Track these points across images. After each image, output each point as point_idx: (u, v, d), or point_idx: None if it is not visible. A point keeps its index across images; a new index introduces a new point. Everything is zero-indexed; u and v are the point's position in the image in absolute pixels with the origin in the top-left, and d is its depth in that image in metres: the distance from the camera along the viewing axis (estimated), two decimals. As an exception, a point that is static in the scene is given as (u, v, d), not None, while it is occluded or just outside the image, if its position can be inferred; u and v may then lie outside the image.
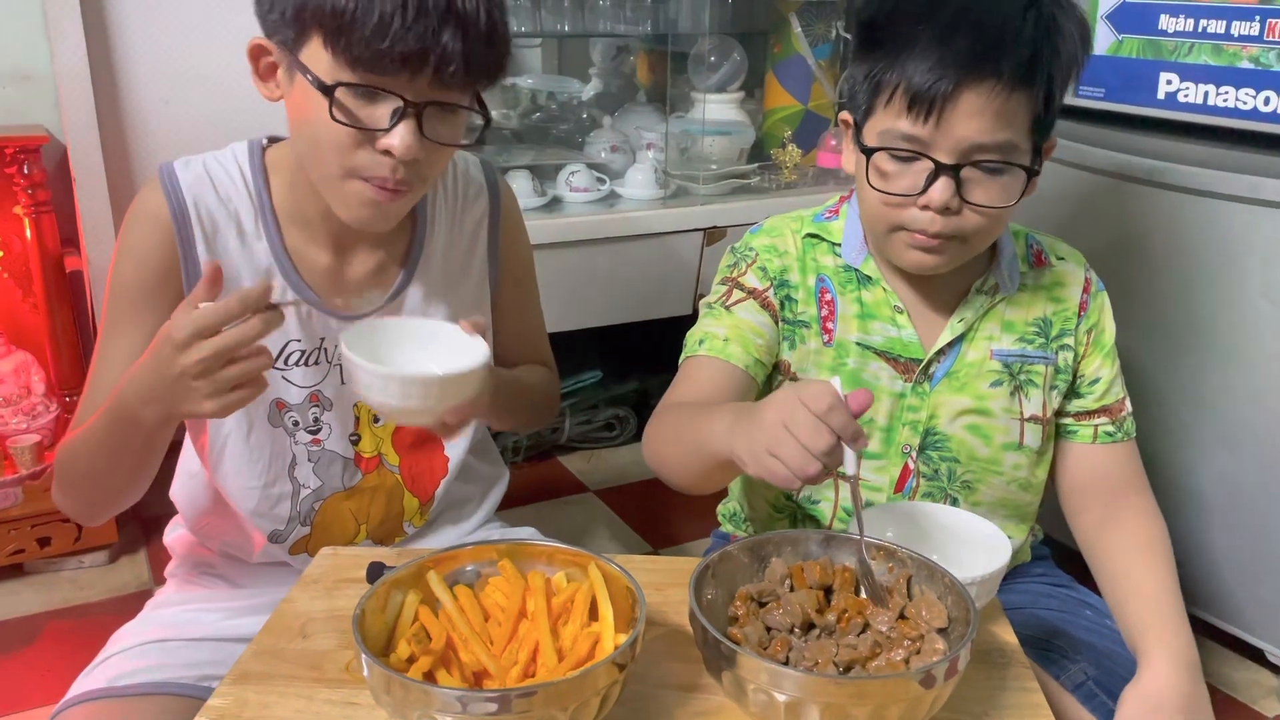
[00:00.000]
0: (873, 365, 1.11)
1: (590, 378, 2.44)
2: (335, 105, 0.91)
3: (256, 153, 1.06)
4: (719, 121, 2.25)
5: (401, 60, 0.88)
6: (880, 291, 1.11)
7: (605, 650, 0.76)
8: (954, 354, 1.11)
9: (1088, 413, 1.15)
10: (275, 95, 0.98)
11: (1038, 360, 1.12)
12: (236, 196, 1.04)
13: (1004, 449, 1.12)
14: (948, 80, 0.94)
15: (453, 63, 0.89)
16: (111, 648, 1.07)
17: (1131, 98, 1.57)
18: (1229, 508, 1.60)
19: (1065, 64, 0.98)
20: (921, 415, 1.11)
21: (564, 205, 2.08)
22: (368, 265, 1.09)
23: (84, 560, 1.91)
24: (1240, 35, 1.41)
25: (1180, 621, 1.03)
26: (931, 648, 0.78)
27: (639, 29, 2.30)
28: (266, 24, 0.95)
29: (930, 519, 0.99)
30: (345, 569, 1.00)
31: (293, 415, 1.09)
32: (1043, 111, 0.98)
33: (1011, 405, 1.12)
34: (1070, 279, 1.15)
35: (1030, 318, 1.13)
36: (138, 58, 1.63)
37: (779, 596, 0.83)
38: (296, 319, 1.06)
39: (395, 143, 0.92)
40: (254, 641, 0.89)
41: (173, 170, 1.03)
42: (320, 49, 0.90)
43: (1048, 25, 0.96)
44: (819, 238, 1.14)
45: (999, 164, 0.97)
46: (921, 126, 0.96)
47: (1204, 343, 1.58)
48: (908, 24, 0.97)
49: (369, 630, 0.76)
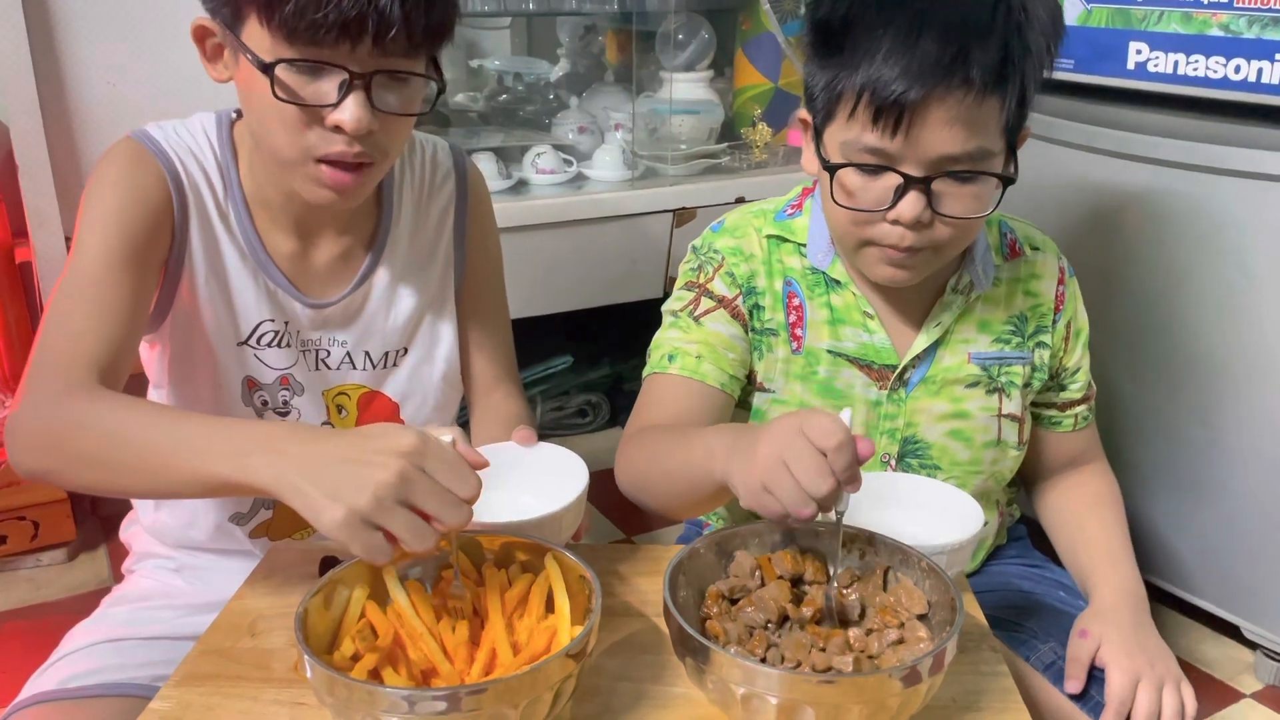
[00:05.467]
0: (845, 373, 1.07)
1: (561, 363, 2.41)
2: (277, 84, 0.87)
3: (225, 126, 1.03)
4: (688, 101, 2.22)
5: (340, 29, 0.84)
6: (850, 296, 1.06)
7: (561, 644, 0.74)
8: (930, 359, 1.07)
9: (1072, 402, 1.16)
10: (224, 76, 0.95)
11: (1015, 361, 1.09)
12: (209, 169, 1.01)
13: (984, 448, 1.10)
14: (915, 90, 0.87)
15: (393, 27, 0.85)
16: (65, 647, 1.04)
17: (1101, 68, 1.55)
18: (1204, 483, 1.60)
19: (1037, 58, 0.91)
20: (899, 423, 1.08)
21: (530, 188, 2.05)
22: (333, 250, 1.06)
23: (41, 559, 1.87)
24: (1209, 2, 1.39)
25: (1125, 561, 1.08)
26: (914, 636, 0.76)
27: (606, 7, 2.26)
28: (207, 3, 0.92)
29: (901, 490, 0.96)
30: (297, 564, 0.97)
31: (262, 394, 1.07)
32: (1015, 112, 0.91)
33: (989, 403, 1.09)
34: (1045, 270, 1.12)
35: (1006, 315, 1.09)
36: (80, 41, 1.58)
37: (749, 591, 0.80)
38: (267, 297, 1.04)
39: (345, 117, 0.88)
40: (200, 640, 0.87)
41: (149, 133, 0.99)
42: (258, 26, 0.87)
43: (1018, 20, 0.89)
44: (783, 239, 1.08)
45: (971, 173, 0.91)
46: (888, 139, 0.90)
47: (1176, 315, 1.57)
48: (867, 26, 0.90)
49: (313, 628, 0.73)
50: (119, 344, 0.91)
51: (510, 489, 0.94)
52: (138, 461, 0.81)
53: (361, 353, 1.09)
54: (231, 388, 1.05)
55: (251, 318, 1.04)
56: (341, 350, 1.09)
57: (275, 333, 1.05)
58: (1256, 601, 1.58)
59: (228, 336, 1.04)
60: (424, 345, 1.13)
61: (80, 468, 0.84)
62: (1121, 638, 0.99)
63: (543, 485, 0.94)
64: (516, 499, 0.93)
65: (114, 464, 0.82)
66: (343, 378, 1.10)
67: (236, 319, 1.03)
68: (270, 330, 1.05)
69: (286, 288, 1.04)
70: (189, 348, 1.03)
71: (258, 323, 1.04)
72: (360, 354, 1.09)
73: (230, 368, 1.05)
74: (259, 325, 1.04)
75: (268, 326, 1.05)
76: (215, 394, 1.05)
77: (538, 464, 0.96)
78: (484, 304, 1.19)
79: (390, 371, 1.12)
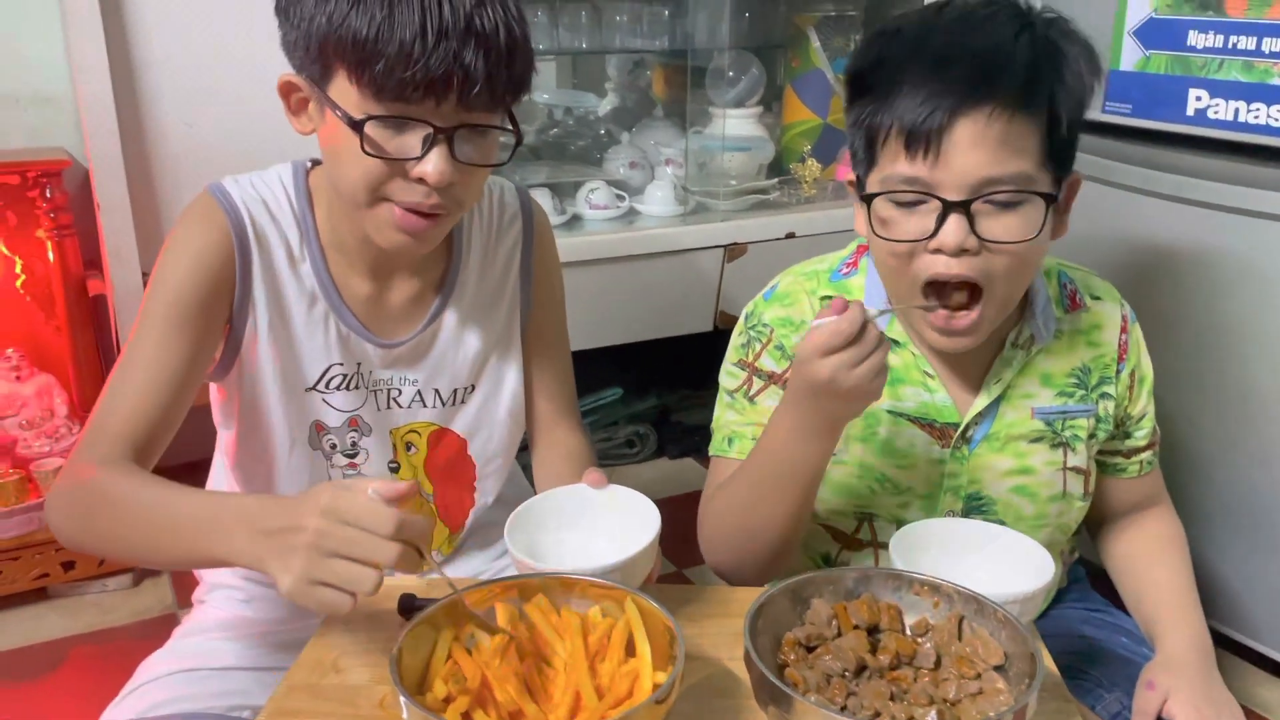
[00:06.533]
0: (907, 432, 1.07)
1: (610, 395, 2.43)
2: (366, 140, 0.90)
3: (301, 176, 1.06)
4: (738, 137, 2.24)
5: (427, 87, 0.88)
6: (909, 355, 1.07)
7: (644, 689, 0.75)
8: (992, 415, 1.07)
9: (1137, 450, 1.14)
10: (308, 129, 0.98)
11: (1080, 415, 1.08)
12: (283, 218, 1.04)
13: (1049, 501, 1.09)
14: (941, 111, 0.89)
15: (477, 83, 0.88)
16: (141, 676, 1.06)
17: (1159, 113, 1.56)
18: (1260, 525, 1.58)
19: (1070, 87, 0.93)
20: (963, 480, 1.08)
21: (584, 223, 2.07)
22: (406, 293, 1.09)
23: (108, 584, 1.91)
24: (1271, 52, 1.40)
25: (1192, 610, 1.06)
26: (992, 687, 0.77)
27: (656, 44, 2.30)
28: (293, 60, 0.95)
29: (969, 537, 0.97)
30: (376, 600, 0.98)
31: (330, 438, 1.09)
32: (1052, 138, 0.92)
33: (1054, 457, 1.08)
34: (1107, 320, 1.10)
35: (1069, 368, 1.08)
36: (161, 81, 1.63)
37: (826, 640, 0.81)
38: (338, 342, 1.06)
39: (429, 170, 0.91)
40: (287, 676, 0.88)
41: (224, 187, 1.03)
42: (346, 83, 0.90)
43: (1045, 48, 0.92)
44: None
45: (1013, 193, 0.91)
46: (922, 166, 0.91)
47: (1233, 359, 1.56)
48: (895, 64, 0.93)
49: (404, 669, 0.75)
50: (161, 417, 0.97)
51: (583, 530, 0.97)
52: (149, 541, 0.90)
53: (431, 390, 1.12)
54: (300, 433, 1.08)
55: (320, 363, 1.06)
56: (413, 389, 1.11)
57: (345, 375, 1.07)
58: (1317, 647, 1.57)
59: (295, 383, 1.06)
60: (490, 382, 1.15)
61: (101, 542, 0.96)
62: (1191, 691, 0.97)
63: (614, 528, 0.96)
64: (590, 541, 0.96)
65: (129, 541, 0.91)
66: (412, 416, 1.12)
67: (303, 366, 1.06)
68: (339, 373, 1.07)
69: (359, 330, 1.07)
70: (256, 395, 1.05)
71: (326, 367, 1.07)
72: (430, 392, 1.12)
73: (298, 413, 1.07)
74: (328, 369, 1.07)
75: (336, 370, 1.07)
76: (283, 439, 1.07)
77: (610, 506, 0.98)
78: (547, 342, 1.21)
79: (459, 409, 1.14)
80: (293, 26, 0.93)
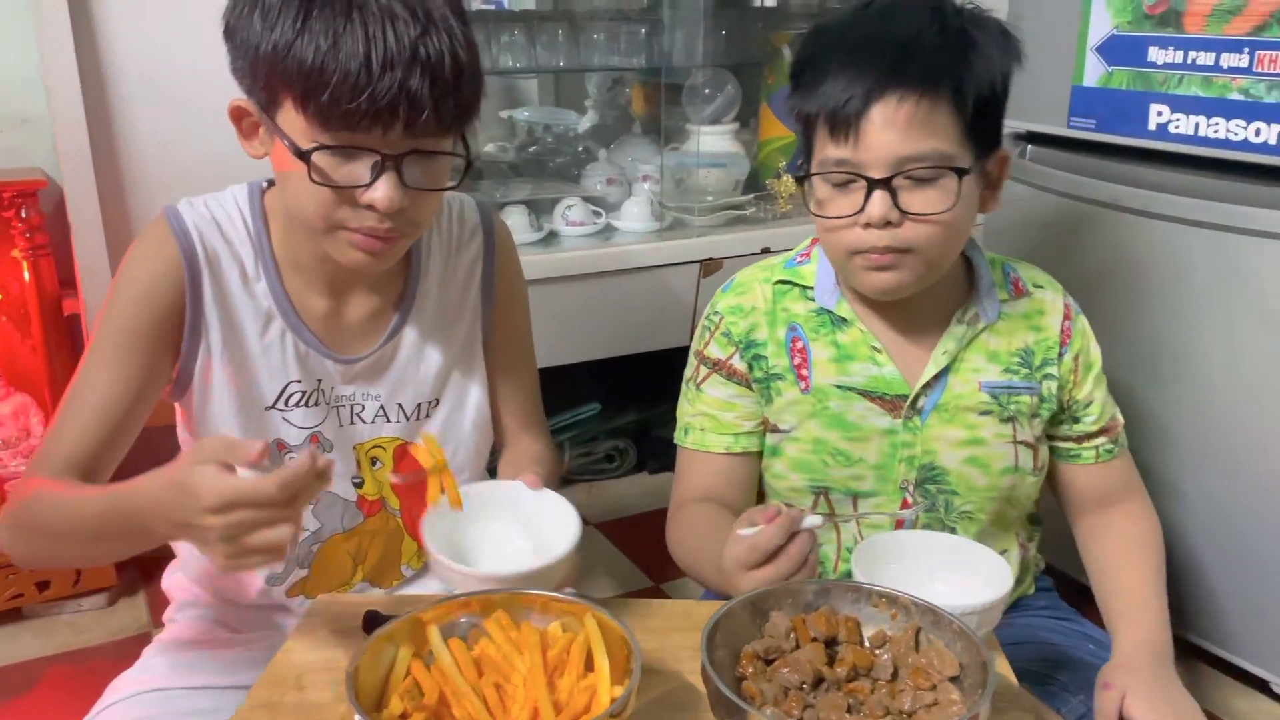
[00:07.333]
0: (858, 406, 1.12)
1: (589, 410, 2.44)
2: (313, 169, 0.91)
3: (256, 196, 1.07)
4: (714, 153, 2.26)
5: (374, 116, 0.88)
6: (857, 332, 1.12)
7: (601, 704, 0.76)
8: (941, 386, 1.11)
9: (1088, 435, 1.17)
10: (260, 154, 0.98)
11: (1023, 391, 1.13)
12: (238, 239, 1.05)
13: (1001, 474, 1.13)
14: (858, 98, 0.98)
15: (423, 111, 0.89)
16: (109, 696, 1.07)
17: (1122, 128, 1.58)
18: (1229, 536, 1.60)
19: (980, 71, 1.00)
20: (916, 450, 1.12)
21: (561, 239, 2.08)
22: (364, 308, 1.09)
23: (82, 604, 1.90)
24: (1229, 67, 1.42)
25: (1148, 610, 1.09)
26: (947, 698, 0.77)
27: (633, 62, 2.31)
28: (242, 86, 0.96)
29: (927, 549, 0.98)
30: (341, 618, 1.00)
31: (292, 456, 1.09)
32: (970, 118, 1.00)
33: (1004, 430, 1.12)
34: (1049, 307, 1.16)
35: (1013, 348, 1.13)
36: (134, 101, 1.64)
37: (784, 653, 0.82)
38: (296, 360, 1.07)
39: (378, 196, 0.92)
40: (250, 694, 0.88)
41: (177, 211, 1.04)
42: (293, 112, 0.90)
43: (955, 36, 1.00)
44: (790, 283, 1.15)
45: (929, 169, 0.99)
46: (845, 147, 1.00)
47: (1197, 371, 1.58)
48: (823, 57, 1.02)
49: (362, 685, 0.75)
50: (106, 440, 0.99)
51: (506, 522, 0.97)
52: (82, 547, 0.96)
53: (395, 405, 1.12)
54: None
55: (278, 382, 1.07)
56: (375, 404, 1.12)
57: (304, 392, 1.08)
58: (1287, 656, 1.58)
59: (252, 402, 1.07)
60: (455, 396, 1.16)
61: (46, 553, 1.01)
62: (1145, 688, 1.00)
63: (536, 530, 0.96)
64: (509, 537, 0.96)
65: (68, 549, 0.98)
66: (376, 431, 1.13)
67: (260, 385, 1.06)
68: (298, 391, 1.07)
69: (317, 347, 1.07)
70: (213, 415, 1.06)
71: (284, 384, 1.07)
72: (394, 407, 1.12)
73: (257, 432, 1.07)
74: (286, 387, 1.07)
75: (295, 387, 1.07)
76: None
77: (537, 510, 0.97)
78: (512, 355, 1.22)
79: (423, 423, 1.14)
80: (240, 53, 0.93)
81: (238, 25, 0.92)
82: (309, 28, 0.87)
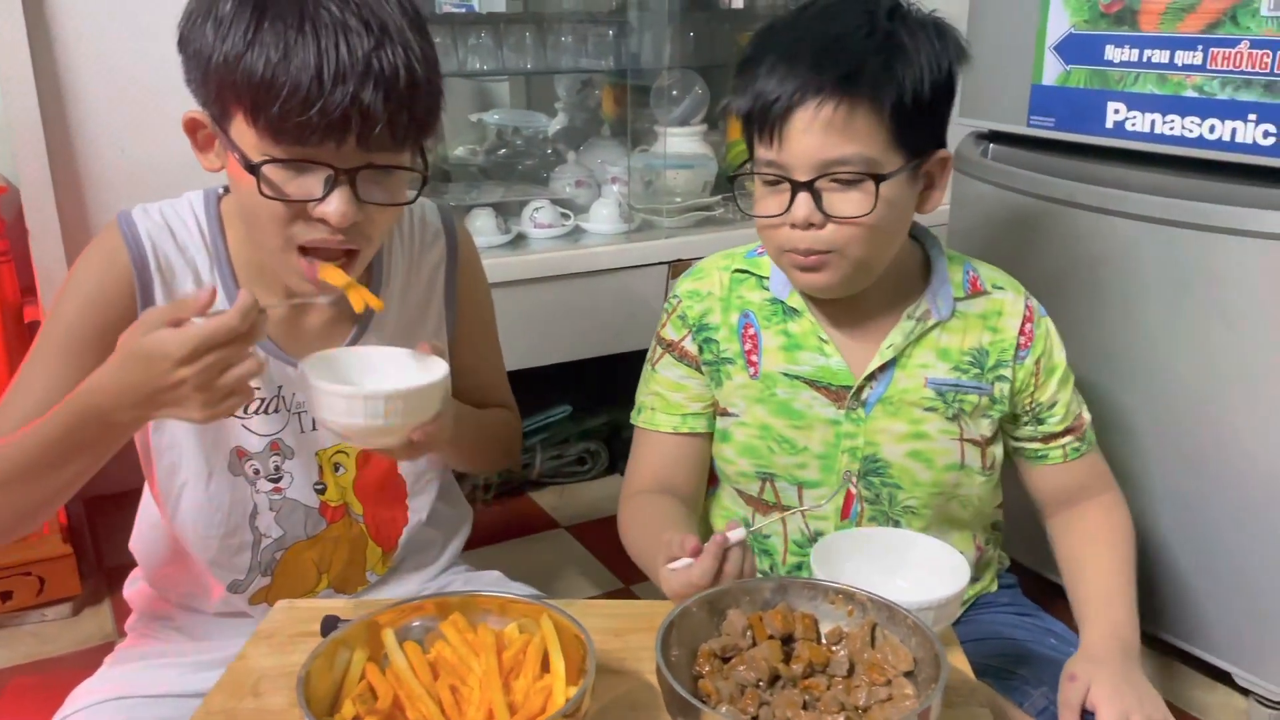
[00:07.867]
0: (804, 394, 1.13)
1: (560, 412, 2.43)
2: (263, 181, 0.90)
3: (213, 202, 1.06)
4: (682, 154, 2.26)
5: (325, 130, 0.86)
6: (808, 323, 1.13)
7: (557, 704, 0.76)
8: (886, 380, 1.12)
9: (1054, 435, 1.18)
10: (215, 166, 0.97)
11: (971, 390, 1.13)
12: (193, 246, 1.04)
13: (945, 470, 1.13)
14: (781, 102, 0.98)
15: (377, 125, 0.87)
16: (69, 706, 1.06)
17: (1081, 127, 1.59)
18: (1193, 531, 1.61)
19: (903, 76, 0.99)
20: (859, 441, 1.12)
21: (529, 242, 2.08)
22: (324, 315, 1.09)
23: (46, 613, 1.88)
24: (1184, 65, 1.44)
25: (1114, 603, 1.10)
26: (901, 693, 0.78)
27: (601, 64, 2.31)
28: (196, 97, 0.94)
29: (886, 545, 0.99)
30: (300, 623, 0.99)
31: (254, 464, 1.08)
32: (896, 122, 0.99)
33: (950, 427, 1.13)
34: (1009, 309, 1.15)
35: (966, 346, 1.13)
36: (92, 107, 1.62)
37: (741, 650, 0.82)
38: None
39: (330, 211, 0.90)
40: (205, 701, 0.88)
41: (131, 217, 1.03)
42: (245, 125, 0.89)
43: (882, 39, 0.99)
44: (748, 273, 1.17)
45: (849, 175, 0.99)
46: (772, 150, 1.01)
47: (1159, 367, 1.59)
48: (757, 58, 1.02)
49: (315, 691, 0.75)
50: None
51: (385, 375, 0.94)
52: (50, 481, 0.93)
53: None
54: (219, 460, 1.07)
55: None
56: None
57: (263, 400, 1.07)
58: (1248, 649, 1.59)
59: None
60: None
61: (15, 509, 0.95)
62: (1110, 679, 1.01)
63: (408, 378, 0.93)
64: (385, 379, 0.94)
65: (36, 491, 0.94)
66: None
67: None
68: (257, 398, 1.06)
69: (276, 353, 1.06)
70: (168, 424, 1.05)
71: None
72: None
73: (214, 440, 1.06)
74: None
75: (255, 395, 1.05)
76: (199, 467, 1.06)
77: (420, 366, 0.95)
78: (477, 357, 1.21)
79: None
80: (193, 65, 0.92)
81: (191, 36, 0.91)
82: (260, 39, 0.86)
